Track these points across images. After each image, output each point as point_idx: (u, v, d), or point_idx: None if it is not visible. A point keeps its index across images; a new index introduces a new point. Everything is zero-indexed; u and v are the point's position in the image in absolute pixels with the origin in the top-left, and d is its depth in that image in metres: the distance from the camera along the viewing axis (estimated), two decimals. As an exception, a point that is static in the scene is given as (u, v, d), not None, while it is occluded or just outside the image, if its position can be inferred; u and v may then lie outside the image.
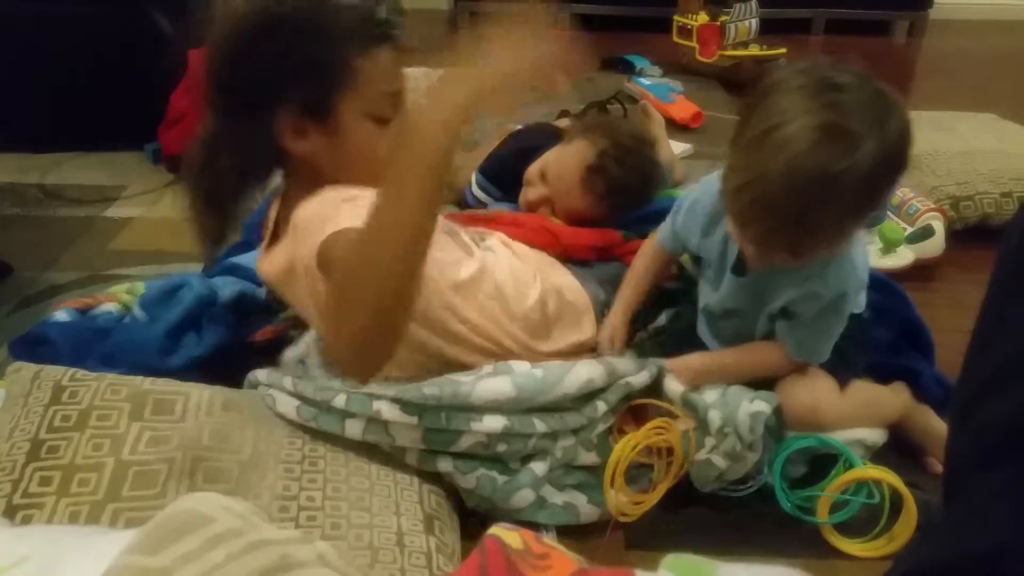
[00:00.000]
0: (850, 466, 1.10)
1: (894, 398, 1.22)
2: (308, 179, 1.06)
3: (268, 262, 1.12)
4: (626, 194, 1.50)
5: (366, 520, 0.96)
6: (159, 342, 1.20)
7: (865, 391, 1.20)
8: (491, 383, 1.03)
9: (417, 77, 2.50)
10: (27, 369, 1.04)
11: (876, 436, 1.17)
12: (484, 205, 1.73)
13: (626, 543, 1.07)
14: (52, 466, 0.92)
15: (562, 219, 1.50)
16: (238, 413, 1.03)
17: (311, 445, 1.03)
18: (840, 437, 1.12)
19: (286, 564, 0.63)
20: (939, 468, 1.15)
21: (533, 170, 1.59)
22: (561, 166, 1.54)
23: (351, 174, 1.05)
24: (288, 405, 1.06)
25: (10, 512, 0.88)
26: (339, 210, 0.97)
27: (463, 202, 1.83)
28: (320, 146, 1.05)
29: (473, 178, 1.80)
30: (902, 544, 1.05)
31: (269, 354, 1.21)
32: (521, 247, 1.34)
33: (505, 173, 1.71)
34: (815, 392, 1.13)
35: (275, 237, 1.13)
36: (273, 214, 1.16)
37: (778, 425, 1.10)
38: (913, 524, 1.06)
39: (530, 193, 1.57)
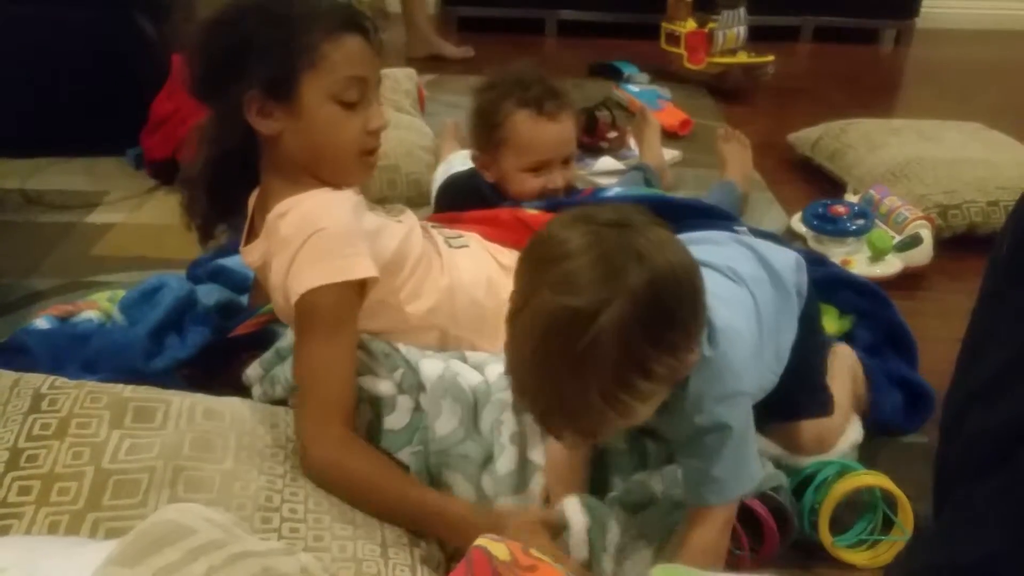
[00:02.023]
0: (842, 474, 1.09)
1: (849, 361, 1.24)
2: (280, 167, 1.10)
3: (247, 254, 1.16)
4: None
5: (349, 532, 0.95)
6: (142, 345, 1.19)
7: (838, 390, 1.18)
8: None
9: (399, 79, 2.47)
10: (6, 377, 1.03)
11: (858, 430, 1.18)
12: None
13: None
14: (31, 475, 0.90)
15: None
16: (220, 421, 1.01)
17: (294, 456, 1.01)
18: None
19: (268, 577, 0.62)
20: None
21: (521, 176, 1.55)
22: (522, 137, 1.50)
23: (318, 159, 1.09)
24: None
25: (-12, 522, 0.86)
26: (310, 250, 1.03)
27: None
28: (286, 127, 1.07)
29: None
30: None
31: (251, 350, 1.20)
32: (496, 247, 1.31)
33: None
34: (819, 426, 1.13)
35: (252, 227, 1.17)
36: (251, 205, 1.18)
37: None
38: (910, 529, 1.06)
39: (532, 182, 1.53)
